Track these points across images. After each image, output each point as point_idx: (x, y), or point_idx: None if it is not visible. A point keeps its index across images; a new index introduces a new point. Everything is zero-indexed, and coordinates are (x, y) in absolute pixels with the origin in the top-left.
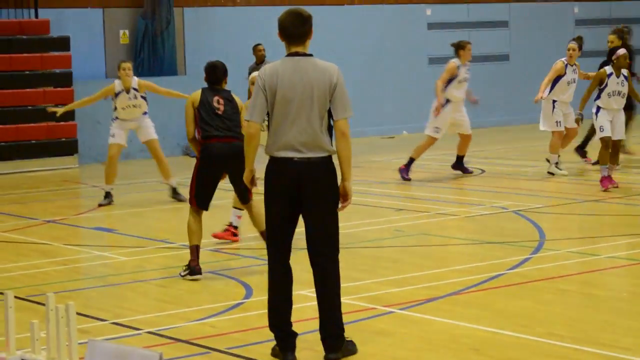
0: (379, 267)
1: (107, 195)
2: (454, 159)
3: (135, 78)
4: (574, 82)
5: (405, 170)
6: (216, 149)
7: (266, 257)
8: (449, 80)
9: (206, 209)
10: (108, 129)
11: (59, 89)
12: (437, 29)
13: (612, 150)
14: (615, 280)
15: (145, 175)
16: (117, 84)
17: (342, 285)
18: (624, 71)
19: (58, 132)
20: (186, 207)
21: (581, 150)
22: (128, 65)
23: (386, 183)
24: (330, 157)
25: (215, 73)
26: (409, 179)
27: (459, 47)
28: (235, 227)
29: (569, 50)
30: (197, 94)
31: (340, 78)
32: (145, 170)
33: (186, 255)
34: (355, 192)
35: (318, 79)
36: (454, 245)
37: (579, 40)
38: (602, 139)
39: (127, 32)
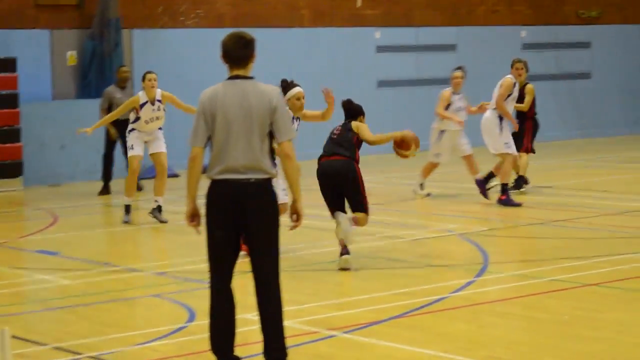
0: (323, 290)
1: (128, 209)
2: (400, 181)
3: (159, 90)
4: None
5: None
6: None
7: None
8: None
9: None
10: (54, 150)
11: (4, 110)
12: (385, 52)
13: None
14: (556, 303)
15: (90, 197)
16: (142, 95)
17: (285, 308)
18: None
19: (3, 154)
20: (133, 229)
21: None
22: (154, 76)
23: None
24: (270, 179)
25: None
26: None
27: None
28: None
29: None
30: None
31: (280, 101)
32: (90, 192)
33: (129, 278)
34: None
35: (258, 102)
36: (399, 269)
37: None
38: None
39: (74, 53)
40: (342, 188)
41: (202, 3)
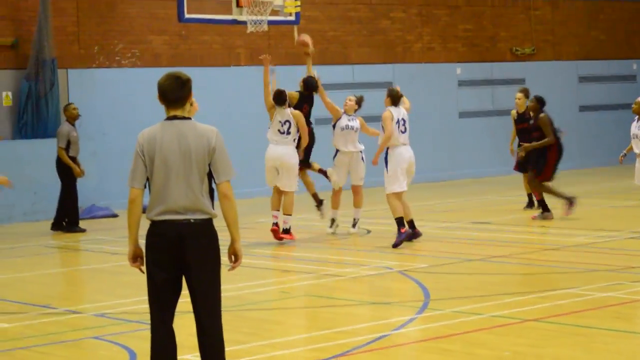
0: (263, 329)
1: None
2: (346, 218)
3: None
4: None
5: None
6: None
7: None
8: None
9: None
10: (7, 192)
11: None
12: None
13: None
14: (497, 339)
15: (28, 238)
16: None
17: (226, 348)
18: None
19: None
20: (74, 271)
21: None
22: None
23: (271, 244)
24: (211, 220)
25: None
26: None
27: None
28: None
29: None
30: None
31: (219, 141)
32: (28, 233)
33: (69, 320)
34: (244, 253)
35: (197, 143)
36: (340, 307)
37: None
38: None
39: (9, 94)
40: None
41: (138, 42)
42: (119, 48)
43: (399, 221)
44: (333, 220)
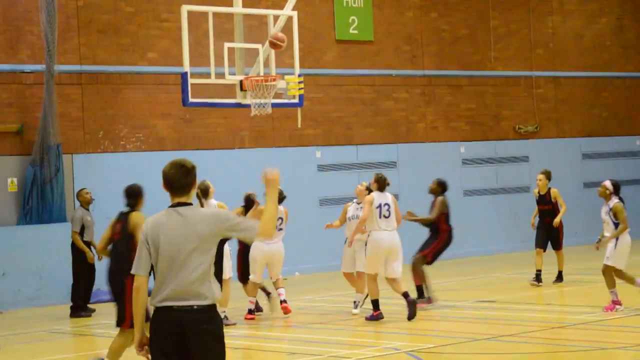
0: None
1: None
2: (340, 299)
3: None
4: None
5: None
6: None
7: None
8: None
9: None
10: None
11: None
12: (326, 170)
13: None
14: None
15: (34, 324)
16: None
17: None
18: None
19: None
20: (79, 357)
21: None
22: None
23: (278, 327)
24: (214, 306)
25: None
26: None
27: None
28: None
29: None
30: None
31: (228, 215)
32: (33, 318)
33: None
34: (249, 336)
35: (202, 228)
36: None
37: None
38: None
39: (15, 179)
40: None
41: (143, 127)
42: (124, 133)
43: (374, 303)
44: (356, 302)
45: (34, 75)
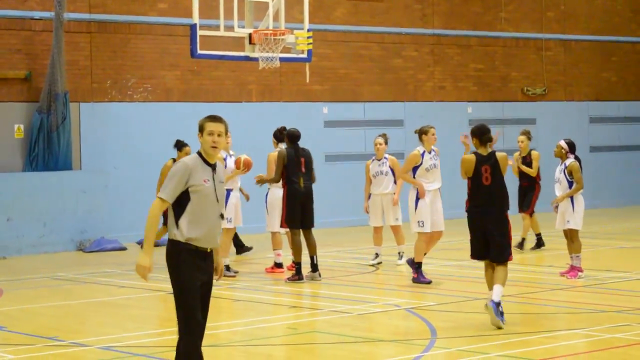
0: None
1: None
2: (348, 255)
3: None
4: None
5: (419, 276)
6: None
7: (160, 356)
8: (414, 170)
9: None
10: (17, 224)
11: None
12: (333, 127)
13: None
14: None
15: (36, 270)
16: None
17: None
18: None
19: None
20: (80, 304)
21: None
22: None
23: (280, 280)
24: (172, 240)
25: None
26: (429, 281)
27: (422, 133)
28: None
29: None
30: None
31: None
32: (36, 265)
33: (75, 353)
34: (249, 288)
35: None
36: (346, 344)
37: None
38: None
39: (22, 126)
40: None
41: (151, 77)
42: (132, 83)
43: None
44: (377, 255)
45: (43, 22)
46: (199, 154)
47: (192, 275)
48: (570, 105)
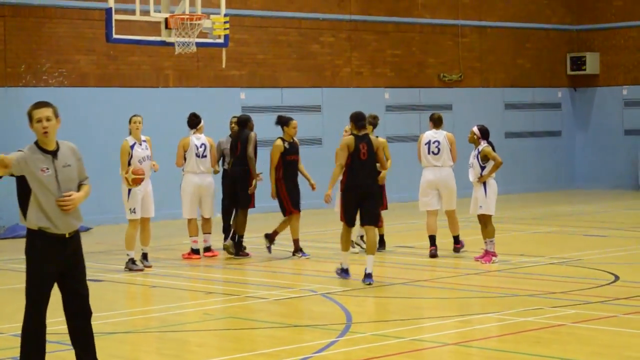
0: (185, 351)
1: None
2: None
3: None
4: None
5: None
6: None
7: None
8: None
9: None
10: None
11: None
12: (251, 112)
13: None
14: None
15: None
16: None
17: None
18: None
19: None
20: None
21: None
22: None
23: (196, 266)
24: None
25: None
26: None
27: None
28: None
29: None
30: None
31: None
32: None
33: None
34: (166, 275)
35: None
36: (262, 329)
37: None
38: None
39: None
40: None
41: (66, 62)
42: (46, 67)
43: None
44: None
45: None
46: (36, 143)
47: (41, 267)
48: (486, 91)
